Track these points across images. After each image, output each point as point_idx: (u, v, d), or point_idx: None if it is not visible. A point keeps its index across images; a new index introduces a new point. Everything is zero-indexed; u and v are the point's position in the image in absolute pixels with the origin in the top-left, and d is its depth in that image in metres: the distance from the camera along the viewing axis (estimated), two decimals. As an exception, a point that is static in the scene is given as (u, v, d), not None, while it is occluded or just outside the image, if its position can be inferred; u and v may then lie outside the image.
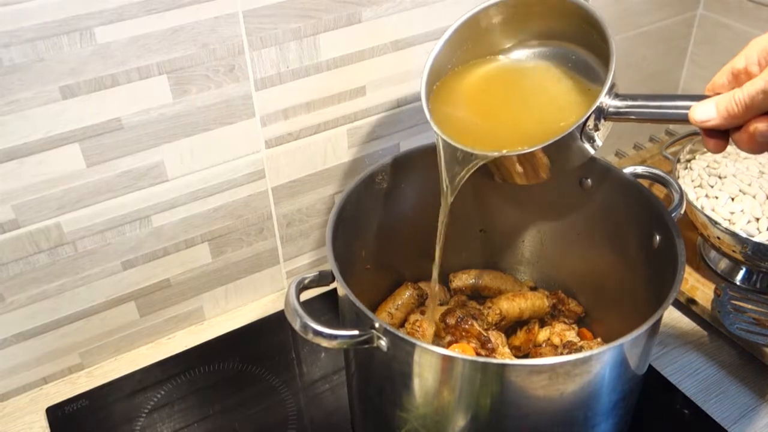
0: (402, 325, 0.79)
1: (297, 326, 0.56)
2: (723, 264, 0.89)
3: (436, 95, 0.68)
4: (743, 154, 0.91)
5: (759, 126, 0.50)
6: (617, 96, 0.59)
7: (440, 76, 0.69)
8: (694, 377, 0.80)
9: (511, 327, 0.80)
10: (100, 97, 0.67)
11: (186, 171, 0.76)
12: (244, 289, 0.90)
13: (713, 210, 0.84)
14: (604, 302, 0.79)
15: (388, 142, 0.88)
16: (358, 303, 0.56)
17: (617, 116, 0.59)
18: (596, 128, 0.60)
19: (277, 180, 0.83)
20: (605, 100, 0.58)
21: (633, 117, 0.59)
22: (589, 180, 0.74)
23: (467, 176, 0.63)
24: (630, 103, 0.58)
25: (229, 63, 0.71)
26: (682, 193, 0.70)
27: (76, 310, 0.79)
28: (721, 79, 0.55)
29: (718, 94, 0.53)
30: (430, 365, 0.56)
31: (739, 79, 0.53)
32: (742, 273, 0.88)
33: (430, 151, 0.74)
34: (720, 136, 0.53)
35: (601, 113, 0.59)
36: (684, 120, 0.54)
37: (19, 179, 0.67)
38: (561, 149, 0.60)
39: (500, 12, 0.67)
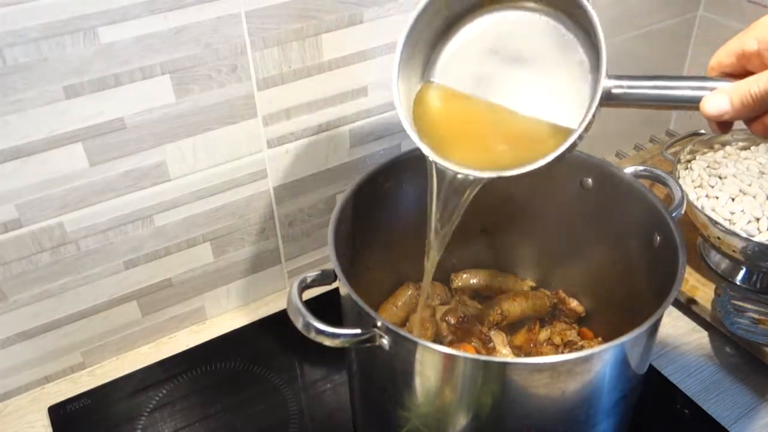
0: (403, 324, 0.79)
1: (300, 325, 0.56)
2: (723, 264, 0.89)
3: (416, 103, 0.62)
4: (743, 154, 0.91)
5: None
6: (615, 77, 0.53)
7: (414, 75, 0.62)
8: (694, 377, 0.80)
9: (511, 326, 0.80)
10: (103, 97, 0.67)
11: (188, 170, 0.76)
12: (246, 289, 0.90)
13: (713, 210, 0.84)
14: (605, 302, 0.79)
15: (389, 142, 0.89)
16: (360, 302, 0.57)
17: (617, 102, 0.54)
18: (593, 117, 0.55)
19: (278, 180, 0.83)
20: (605, 83, 0.53)
21: (635, 101, 0.53)
22: (589, 180, 0.74)
23: (466, 205, 0.59)
24: (631, 83, 0.53)
25: (232, 63, 0.72)
26: (682, 193, 0.70)
27: (78, 309, 0.79)
28: (728, 59, 0.52)
29: (724, 74, 0.51)
30: (432, 364, 0.56)
31: (750, 62, 0.51)
32: (742, 273, 0.88)
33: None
34: (728, 123, 0.51)
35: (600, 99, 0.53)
36: (692, 106, 0.51)
37: (22, 178, 0.67)
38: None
39: None
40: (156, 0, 0.64)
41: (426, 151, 0.58)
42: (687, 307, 0.87)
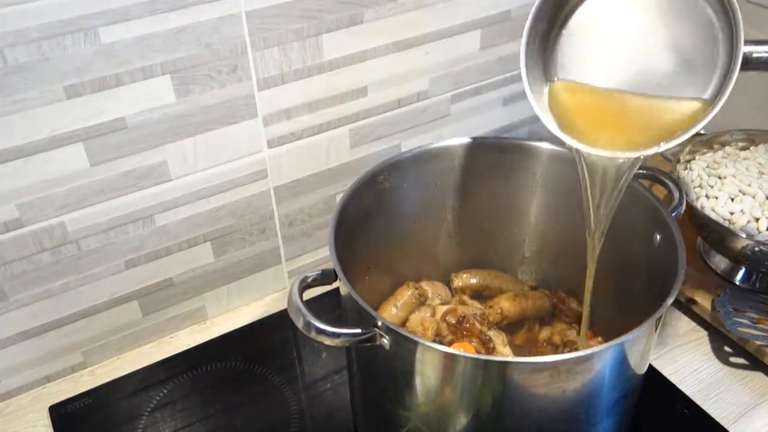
0: (403, 324, 0.79)
1: (300, 324, 0.56)
2: (723, 264, 0.89)
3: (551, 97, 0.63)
4: (743, 154, 0.91)
5: None
6: (753, 42, 0.55)
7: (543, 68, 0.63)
8: (694, 377, 0.80)
9: (511, 326, 0.80)
10: (104, 97, 0.67)
11: (189, 170, 0.76)
12: (246, 289, 0.90)
13: (713, 210, 0.84)
14: (605, 302, 0.79)
15: (389, 142, 0.89)
16: (360, 301, 0.57)
17: (757, 67, 0.55)
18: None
19: (279, 180, 0.83)
20: (746, 48, 0.53)
21: None
22: (590, 180, 0.74)
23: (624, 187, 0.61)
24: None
25: (232, 63, 0.72)
26: (682, 193, 0.70)
27: (79, 308, 0.79)
28: None
29: None
30: (433, 363, 0.56)
31: None
32: (742, 273, 0.88)
33: (431, 150, 0.75)
34: None
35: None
36: None
37: (24, 178, 0.68)
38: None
39: None
40: (157, 0, 0.65)
41: (584, 147, 0.59)
42: (687, 307, 0.87)
